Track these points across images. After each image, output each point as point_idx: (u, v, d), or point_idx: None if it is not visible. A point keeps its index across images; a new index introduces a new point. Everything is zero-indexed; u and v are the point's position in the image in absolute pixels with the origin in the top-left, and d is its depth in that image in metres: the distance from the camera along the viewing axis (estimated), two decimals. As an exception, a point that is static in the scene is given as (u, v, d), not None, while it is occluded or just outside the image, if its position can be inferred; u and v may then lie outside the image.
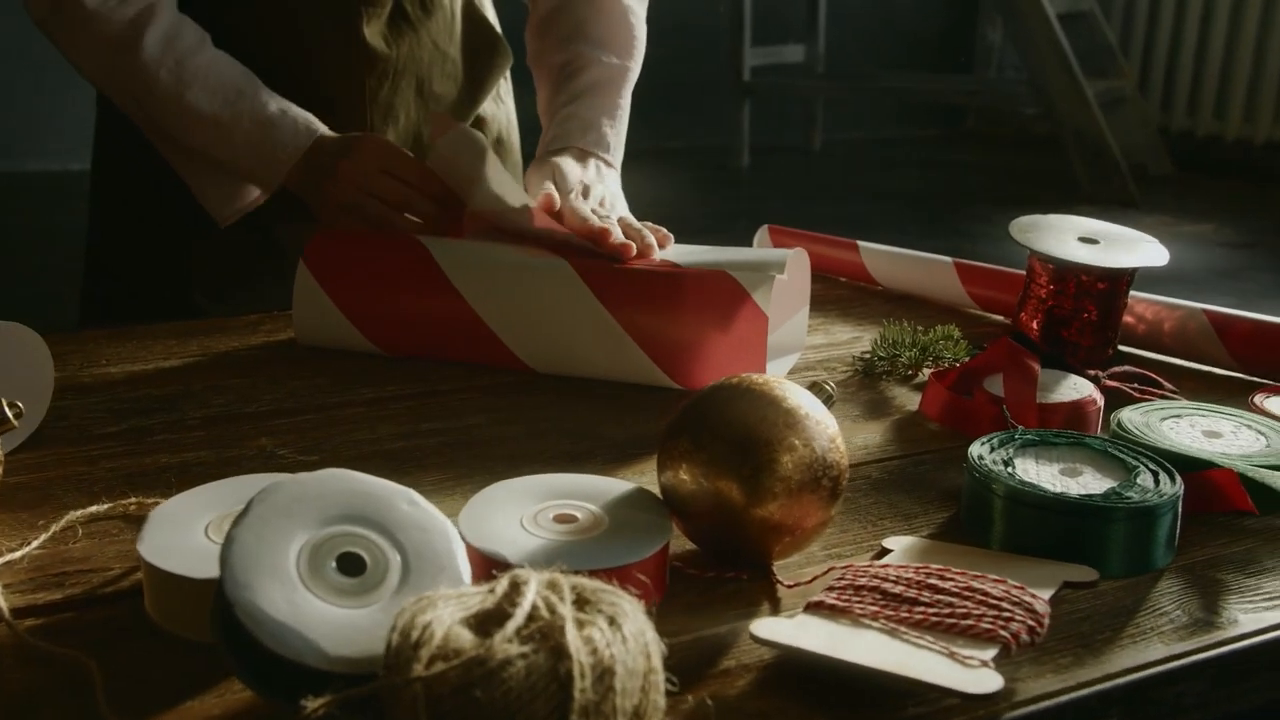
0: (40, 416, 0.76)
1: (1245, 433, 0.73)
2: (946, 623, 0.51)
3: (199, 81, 0.97)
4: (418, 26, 1.13)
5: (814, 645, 0.50)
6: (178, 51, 0.97)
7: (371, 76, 1.09)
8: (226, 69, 0.99)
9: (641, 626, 0.44)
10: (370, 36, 1.08)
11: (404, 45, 1.12)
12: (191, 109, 0.97)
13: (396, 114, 1.14)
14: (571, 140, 1.05)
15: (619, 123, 1.08)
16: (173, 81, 0.96)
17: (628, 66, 1.12)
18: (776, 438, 0.57)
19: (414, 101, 1.15)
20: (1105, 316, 0.90)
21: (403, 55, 1.11)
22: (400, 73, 1.12)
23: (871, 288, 1.16)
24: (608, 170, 1.05)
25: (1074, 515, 0.61)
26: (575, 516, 0.58)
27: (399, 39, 1.11)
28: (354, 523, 0.50)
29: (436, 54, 1.16)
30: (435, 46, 1.15)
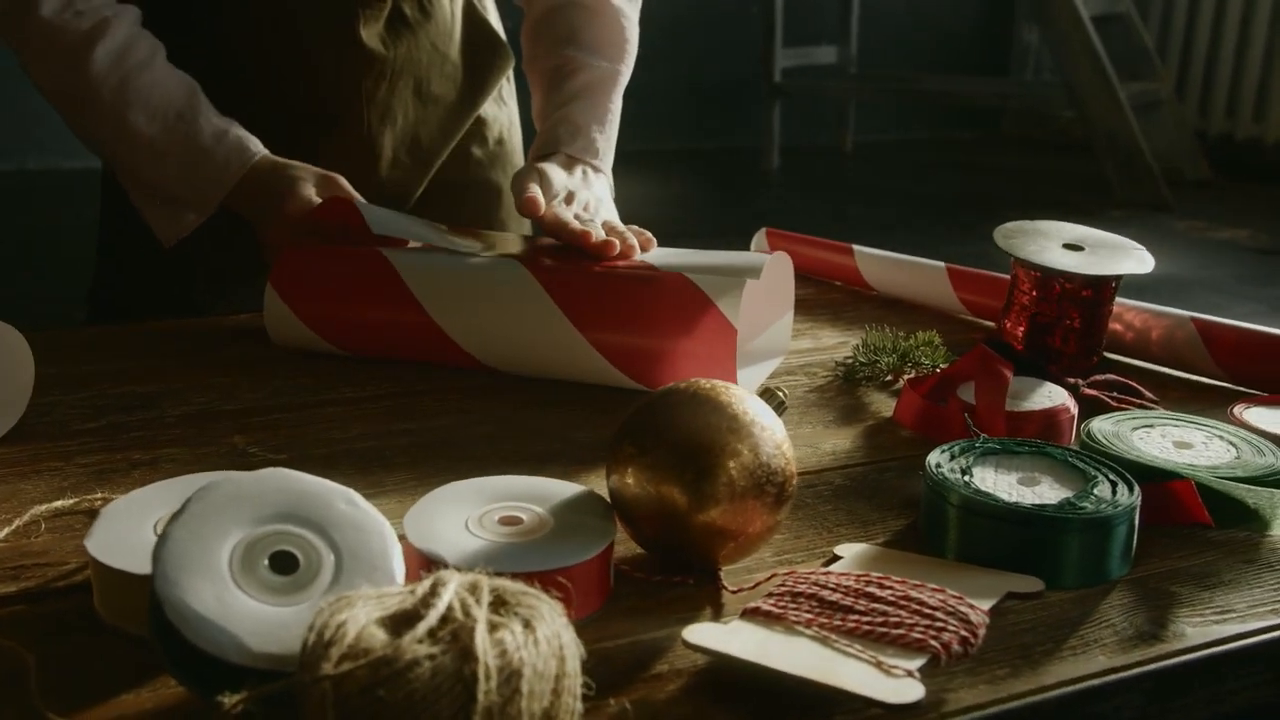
0: (20, 412, 0.77)
1: (1217, 444, 0.72)
2: (878, 631, 0.51)
3: (140, 101, 0.97)
4: (416, 28, 1.14)
5: (743, 652, 0.50)
6: (124, 69, 0.97)
7: (369, 77, 1.10)
8: (173, 89, 0.99)
9: (557, 630, 0.45)
10: (368, 38, 1.09)
11: (402, 47, 1.12)
12: (130, 130, 0.97)
13: (394, 115, 1.15)
14: (560, 146, 1.05)
15: (609, 127, 1.09)
16: (115, 100, 0.97)
17: (618, 70, 1.12)
18: (720, 443, 0.57)
19: (412, 102, 1.16)
20: (1089, 324, 0.90)
21: (400, 56, 1.12)
22: (398, 74, 1.13)
23: (866, 293, 1.16)
24: (595, 175, 1.05)
25: (1027, 525, 0.60)
26: (520, 519, 0.58)
27: (397, 40, 1.12)
28: (290, 521, 0.51)
29: (435, 55, 1.16)
30: (434, 48, 1.16)
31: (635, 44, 1.17)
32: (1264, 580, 0.61)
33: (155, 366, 0.91)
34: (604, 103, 1.10)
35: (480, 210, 1.25)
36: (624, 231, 0.92)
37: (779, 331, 0.97)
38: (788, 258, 0.96)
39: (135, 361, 0.92)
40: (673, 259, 0.89)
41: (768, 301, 0.95)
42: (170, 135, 0.98)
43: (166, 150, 0.98)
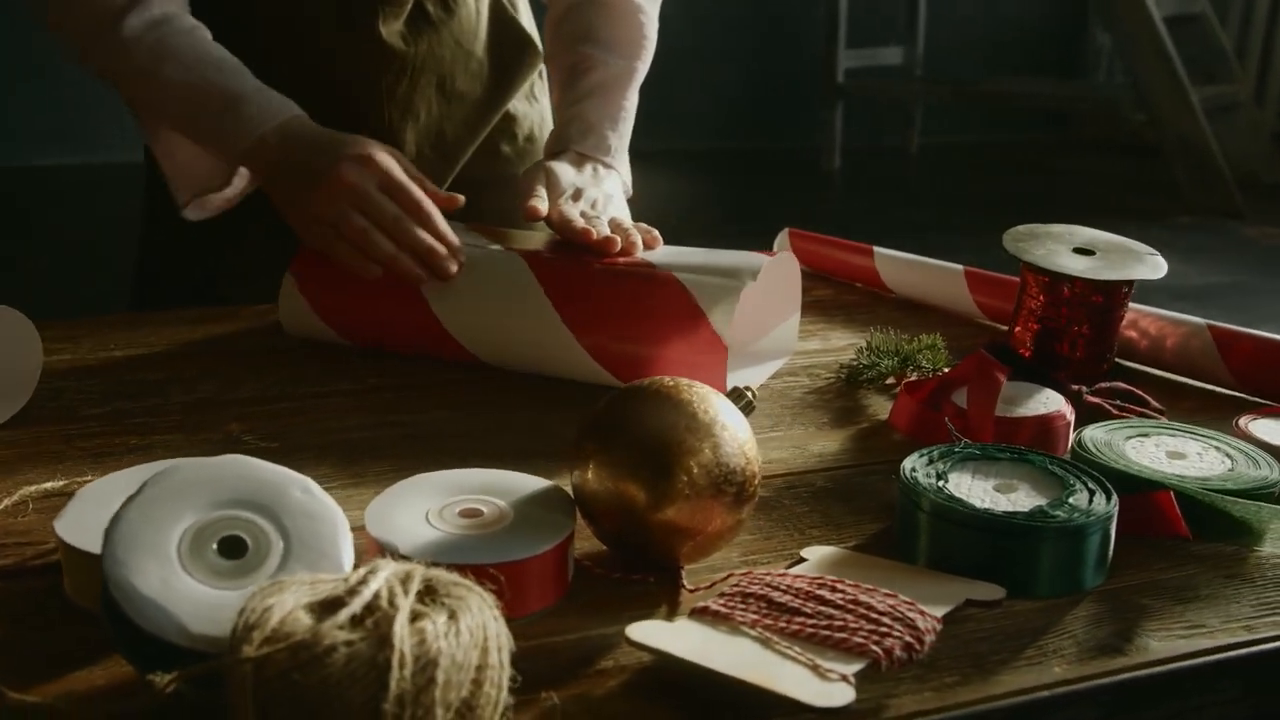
0: (26, 396, 0.79)
1: (1212, 455, 0.70)
2: (821, 634, 0.51)
3: (176, 57, 0.96)
4: (439, 25, 1.15)
5: (683, 651, 0.50)
6: (161, 31, 0.97)
7: (388, 73, 1.11)
8: (213, 49, 0.98)
9: (483, 622, 0.45)
10: (387, 35, 1.10)
11: (423, 43, 1.13)
12: (165, 81, 0.96)
13: (416, 111, 1.16)
14: (571, 144, 1.06)
15: (622, 125, 1.09)
16: (149, 57, 0.96)
17: (634, 67, 1.12)
18: (678, 442, 0.57)
19: (435, 99, 1.17)
20: (1099, 330, 0.88)
21: (421, 53, 1.13)
22: (419, 70, 1.14)
23: (885, 295, 1.15)
24: (606, 172, 1.05)
25: (996, 533, 0.59)
26: (481, 511, 0.59)
27: (418, 37, 1.13)
28: (244, 507, 0.52)
29: (459, 52, 1.17)
30: (458, 45, 1.17)
31: (653, 41, 1.17)
32: (1242, 596, 0.59)
33: (167, 354, 0.93)
34: (617, 100, 1.10)
35: (507, 207, 1.25)
36: (629, 229, 0.92)
37: (785, 332, 0.96)
38: (794, 258, 0.95)
39: (149, 349, 0.94)
40: (675, 258, 0.89)
41: (774, 302, 0.94)
42: (206, 83, 0.96)
43: (202, 96, 0.96)
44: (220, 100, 0.96)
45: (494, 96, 1.22)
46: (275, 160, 0.95)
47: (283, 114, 0.96)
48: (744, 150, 5.33)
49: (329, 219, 0.91)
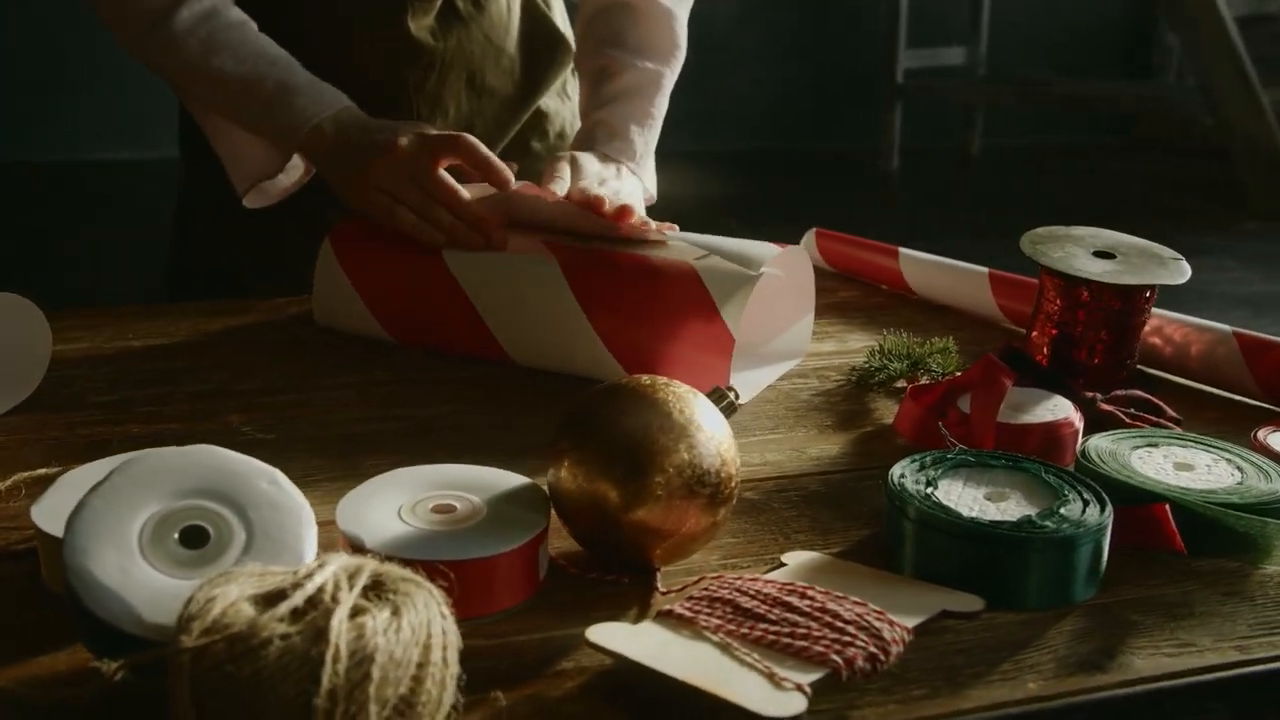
0: (35, 384, 0.81)
1: (1222, 467, 0.68)
2: (783, 642, 0.50)
3: (229, 50, 0.98)
4: (468, 21, 1.15)
5: (640, 654, 0.49)
6: (212, 25, 0.99)
7: (416, 68, 1.12)
8: (264, 42, 1.00)
9: (427, 619, 0.44)
10: (416, 30, 1.11)
11: (452, 39, 1.14)
12: (218, 73, 0.98)
13: (445, 105, 1.16)
14: (597, 146, 1.05)
15: (648, 130, 1.08)
16: (201, 50, 0.98)
17: (662, 72, 1.11)
18: (652, 443, 0.56)
19: (465, 94, 1.17)
20: (1119, 337, 0.85)
21: (450, 48, 1.14)
22: (448, 65, 1.14)
23: (911, 297, 1.13)
24: (628, 175, 1.05)
25: (982, 543, 0.58)
26: (454, 507, 0.58)
27: (447, 32, 1.13)
28: (209, 497, 0.52)
29: (490, 48, 1.17)
30: (488, 41, 1.17)
31: (684, 46, 1.16)
32: (1239, 614, 0.57)
33: (183, 345, 0.94)
34: (645, 106, 1.09)
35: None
36: (645, 220, 0.91)
37: (798, 333, 0.95)
38: (806, 255, 0.93)
39: (166, 339, 0.95)
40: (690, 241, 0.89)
41: (786, 301, 0.93)
42: (259, 75, 0.97)
43: (257, 87, 0.97)
44: (273, 92, 0.97)
45: (525, 93, 1.22)
46: (331, 146, 0.97)
47: (336, 104, 0.98)
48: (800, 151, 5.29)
49: (389, 188, 0.92)
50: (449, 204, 0.91)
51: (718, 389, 0.62)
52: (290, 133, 0.98)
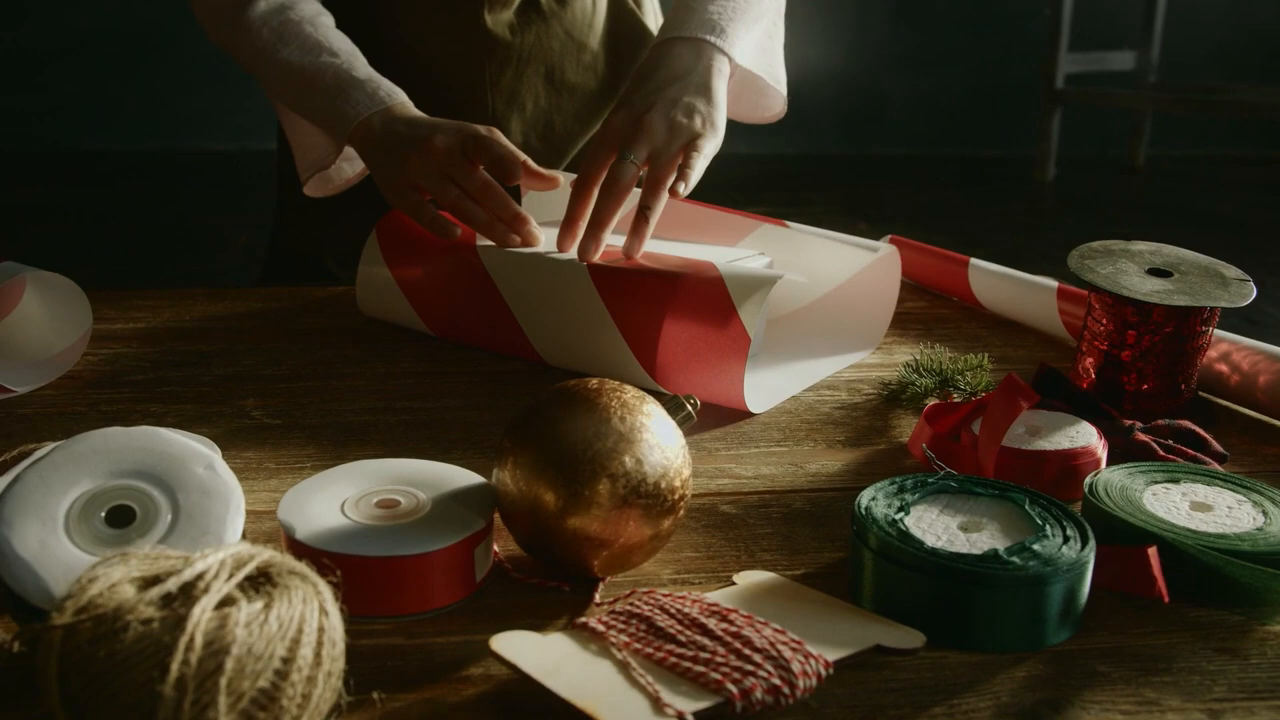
0: (74, 360, 0.84)
1: (1246, 510, 0.62)
2: (683, 665, 0.47)
3: (297, 41, 1.00)
4: (549, 17, 1.14)
5: (531, 666, 0.48)
6: (284, 16, 1.01)
7: (492, 62, 1.12)
8: (332, 36, 1.01)
9: (300, 614, 0.44)
10: (492, 24, 1.11)
11: (530, 34, 1.13)
12: (282, 63, 1.00)
13: (522, 100, 1.16)
14: (673, 30, 0.97)
15: (735, 11, 0.98)
16: (272, 39, 1.00)
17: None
18: (588, 449, 0.54)
19: (543, 89, 1.17)
20: (1171, 362, 0.79)
21: (528, 43, 1.13)
22: (526, 60, 1.14)
23: (980, 311, 1.07)
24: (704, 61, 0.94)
25: (942, 577, 0.54)
26: (398, 502, 0.58)
27: (526, 28, 1.13)
28: (142, 479, 0.53)
29: (570, 44, 1.17)
30: (569, 36, 1.17)
31: None
32: (1224, 674, 0.52)
33: (231, 328, 0.97)
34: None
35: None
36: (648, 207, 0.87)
37: (870, 329, 0.92)
38: (897, 264, 0.90)
39: (217, 323, 0.98)
40: None
41: (868, 296, 0.91)
42: (319, 66, 0.99)
43: (315, 77, 0.98)
44: (331, 84, 0.98)
45: (608, 89, 1.21)
46: (376, 141, 0.97)
47: (390, 100, 0.98)
48: (953, 157, 5.14)
49: (422, 185, 0.92)
50: (485, 200, 0.91)
51: (676, 398, 0.60)
52: (342, 124, 0.99)
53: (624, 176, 0.88)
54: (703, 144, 0.90)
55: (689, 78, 0.92)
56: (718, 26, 0.96)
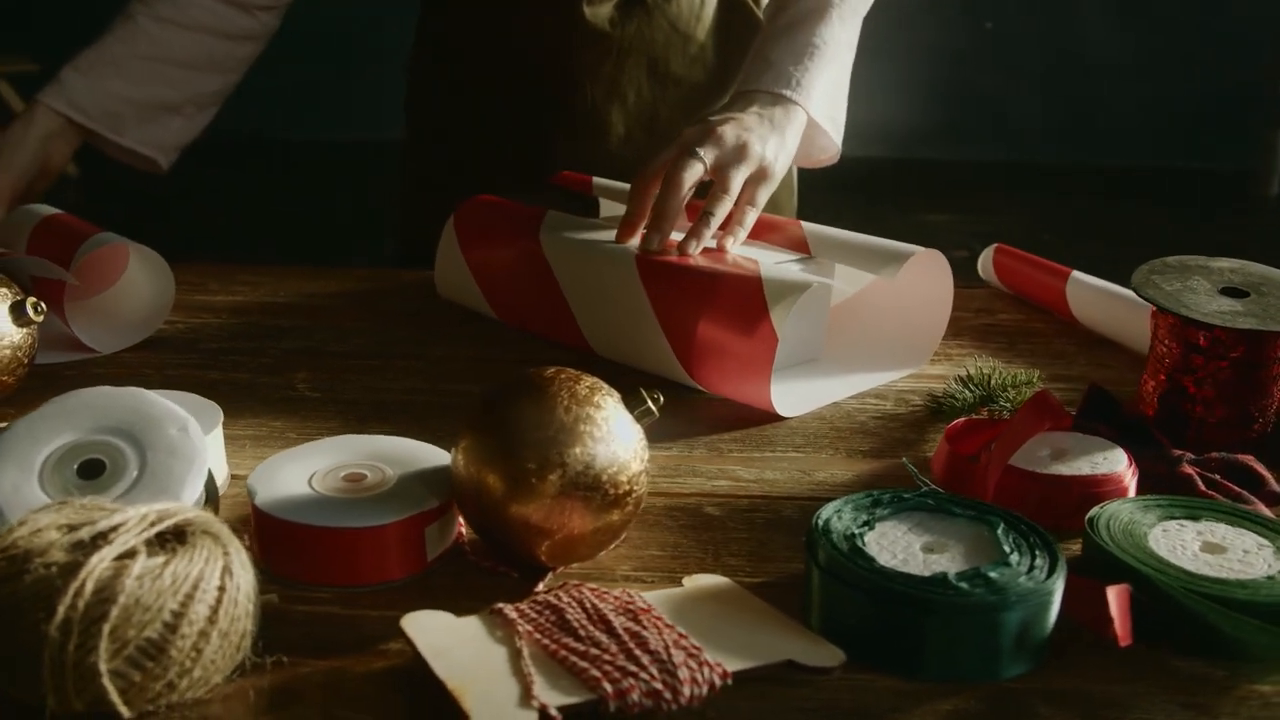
0: (155, 327, 0.90)
1: (1265, 555, 0.56)
2: (570, 660, 0.47)
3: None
4: (652, 9, 1.14)
5: (425, 646, 0.48)
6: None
7: (591, 54, 1.12)
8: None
9: (200, 573, 0.46)
10: (592, 16, 1.11)
11: (632, 26, 1.13)
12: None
13: (624, 92, 1.16)
14: (749, 83, 0.97)
15: (810, 60, 0.98)
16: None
17: (829, 1, 1.01)
18: (533, 438, 0.54)
19: (647, 81, 1.16)
20: (1241, 389, 0.72)
21: (630, 35, 1.13)
22: (626, 52, 1.14)
23: (1076, 327, 1.01)
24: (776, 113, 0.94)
25: (884, 599, 0.51)
26: (365, 476, 0.59)
27: (627, 20, 1.13)
28: (118, 435, 0.57)
29: (675, 36, 1.16)
30: (674, 28, 1.16)
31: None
32: (1178, 730, 0.47)
33: (320, 307, 1.01)
34: (805, 36, 1.00)
35: None
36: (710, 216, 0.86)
37: (920, 343, 0.89)
38: (942, 259, 0.87)
39: (306, 299, 1.03)
40: None
41: (917, 305, 0.89)
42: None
43: None
44: None
45: (715, 84, 1.19)
46: None
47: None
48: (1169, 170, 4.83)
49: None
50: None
51: (640, 393, 0.59)
52: None
53: (688, 171, 0.87)
54: (759, 193, 0.90)
55: (766, 119, 0.93)
56: (795, 80, 0.96)
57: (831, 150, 1.06)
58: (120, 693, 0.44)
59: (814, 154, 1.07)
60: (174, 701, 0.46)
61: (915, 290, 0.90)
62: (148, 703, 0.45)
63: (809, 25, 1.00)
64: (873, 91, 4.85)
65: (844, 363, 0.88)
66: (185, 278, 1.07)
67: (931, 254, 0.86)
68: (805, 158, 1.08)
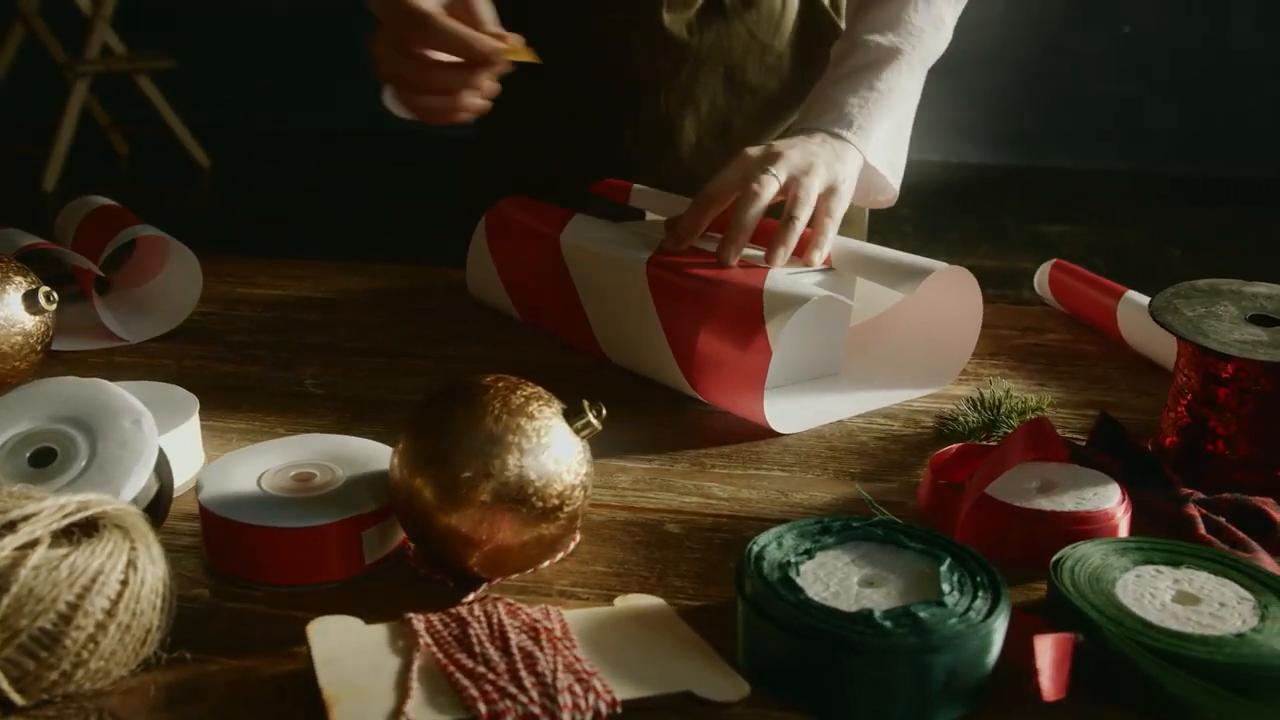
0: (183, 316, 0.93)
1: (1244, 610, 0.51)
2: (456, 677, 0.46)
3: None
4: (731, 17, 1.12)
5: (317, 652, 0.48)
6: None
7: (667, 60, 1.10)
8: None
9: (100, 566, 0.46)
10: (670, 23, 1.10)
11: (710, 34, 1.11)
12: None
13: (697, 100, 1.14)
14: (808, 122, 0.96)
15: (873, 104, 0.96)
16: None
17: (898, 49, 1.00)
18: (458, 446, 0.53)
19: (721, 89, 1.14)
20: (1268, 426, 0.67)
21: (707, 43, 1.11)
22: (703, 60, 1.12)
23: (1126, 352, 0.95)
24: (834, 144, 0.93)
25: (806, 636, 0.48)
26: (314, 476, 0.59)
27: (705, 27, 1.11)
28: (73, 425, 0.58)
29: (754, 45, 1.14)
30: (752, 37, 1.14)
31: (930, 30, 1.03)
32: (1099, 796, 0.43)
33: (353, 303, 1.02)
34: (868, 80, 0.98)
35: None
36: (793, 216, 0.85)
37: (945, 362, 0.85)
38: (969, 276, 0.83)
39: (342, 295, 1.04)
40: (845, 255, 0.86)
41: (944, 323, 0.86)
42: None
43: None
44: None
45: (792, 92, 1.17)
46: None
47: None
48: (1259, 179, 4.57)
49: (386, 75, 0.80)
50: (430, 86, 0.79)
51: (581, 404, 0.58)
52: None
53: (765, 186, 0.86)
54: (834, 206, 0.89)
55: (829, 147, 0.92)
56: (855, 123, 0.95)
57: (890, 194, 1.05)
58: (13, 681, 0.45)
59: (872, 194, 1.06)
60: (71, 692, 0.47)
61: (942, 308, 0.87)
62: (43, 692, 0.46)
63: (876, 71, 0.99)
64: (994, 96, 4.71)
65: (860, 380, 0.85)
66: (234, 271, 1.10)
67: (958, 271, 0.83)
68: (862, 197, 1.07)
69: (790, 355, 0.83)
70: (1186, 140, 4.73)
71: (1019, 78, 4.71)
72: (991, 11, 4.56)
